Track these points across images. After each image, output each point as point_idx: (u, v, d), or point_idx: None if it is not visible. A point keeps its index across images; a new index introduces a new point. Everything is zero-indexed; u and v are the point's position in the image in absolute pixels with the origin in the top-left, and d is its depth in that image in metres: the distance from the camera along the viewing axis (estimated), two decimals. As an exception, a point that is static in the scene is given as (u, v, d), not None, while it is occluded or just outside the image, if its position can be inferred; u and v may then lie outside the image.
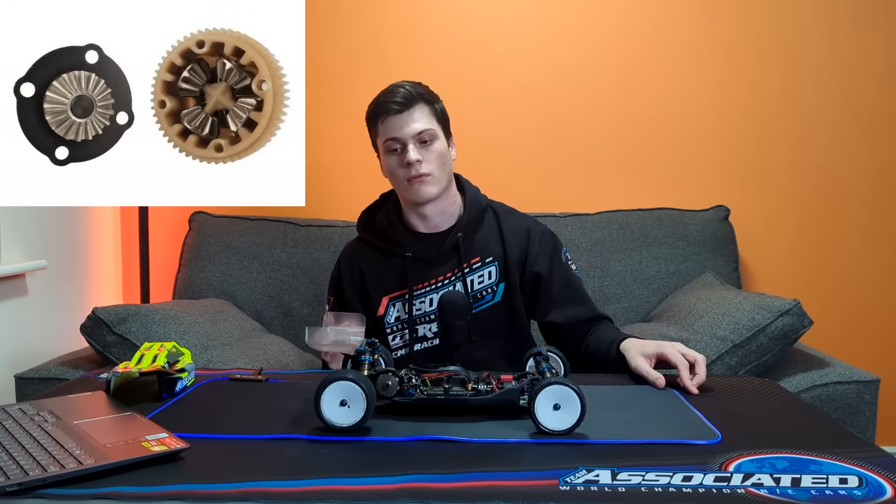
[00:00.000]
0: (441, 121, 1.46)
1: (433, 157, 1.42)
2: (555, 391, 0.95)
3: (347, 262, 1.55)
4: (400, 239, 1.49)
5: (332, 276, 1.58)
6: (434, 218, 1.48)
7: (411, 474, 0.81)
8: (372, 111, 1.46)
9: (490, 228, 1.51)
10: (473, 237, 1.49)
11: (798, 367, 1.67)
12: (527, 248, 1.49)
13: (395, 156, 1.43)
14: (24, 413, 0.98)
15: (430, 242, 1.49)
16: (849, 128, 2.24)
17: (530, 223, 1.53)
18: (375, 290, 1.50)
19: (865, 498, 0.76)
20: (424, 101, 1.43)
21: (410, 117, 1.41)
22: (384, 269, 1.50)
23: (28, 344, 1.86)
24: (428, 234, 1.49)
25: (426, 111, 1.42)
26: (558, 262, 1.51)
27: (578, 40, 2.27)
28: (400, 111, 1.40)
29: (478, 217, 1.51)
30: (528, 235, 1.51)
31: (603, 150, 2.30)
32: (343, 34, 2.30)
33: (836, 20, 2.22)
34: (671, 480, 0.80)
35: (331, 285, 1.58)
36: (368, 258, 1.53)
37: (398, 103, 1.40)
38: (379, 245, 1.52)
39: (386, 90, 1.44)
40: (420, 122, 1.41)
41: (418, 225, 1.50)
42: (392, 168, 1.44)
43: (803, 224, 2.27)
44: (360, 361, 1.05)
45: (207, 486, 0.78)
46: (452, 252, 1.48)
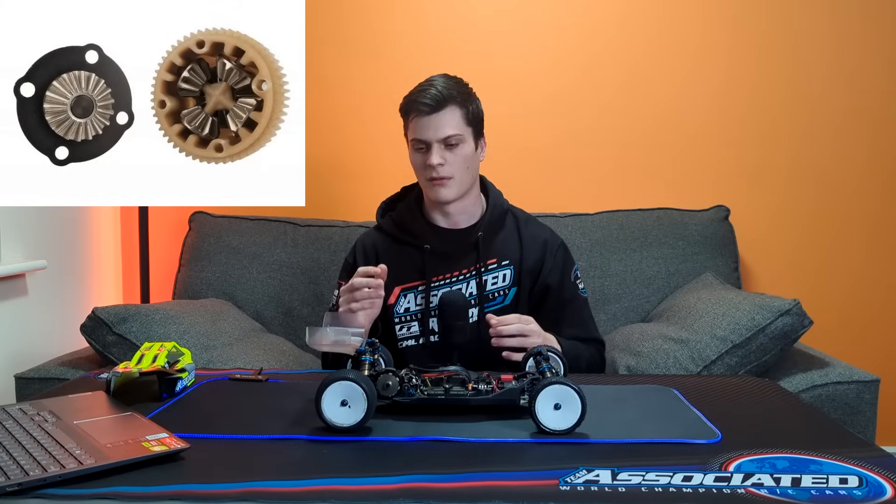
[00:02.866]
0: (472, 123, 1.45)
1: (457, 160, 1.42)
2: (555, 391, 0.95)
3: (363, 248, 1.55)
4: (420, 231, 1.50)
5: (345, 261, 1.58)
6: (455, 215, 1.50)
7: (411, 474, 0.81)
8: (404, 106, 1.46)
9: (510, 232, 1.52)
10: (493, 238, 1.50)
11: (798, 367, 1.67)
12: (542, 260, 1.51)
13: (420, 154, 1.43)
14: (24, 413, 0.98)
15: (449, 237, 1.50)
16: (849, 128, 2.24)
17: (548, 234, 1.55)
18: (389, 279, 1.50)
19: (865, 498, 0.76)
20: (456, 104, 1.41)
21: (439, 120, 1.40)
22: (401, 258, 1.50)
23: (28, 344, 1.86)
24: (448, 229, 1.50)
25: (457, 114, 1.42)
26: (567, 280, 1.52)
27: (580, 42, 2.27)
28: (429, 113, 1.40)
29: (499, 219, 1.52)
30: (546, 247, 1.52)
31: (603, 151, 2.30)
32: (343, 34, 2.30)
33: (840, 20, 2.22)
34: (671, 480, 0.80)
35: (343, 270, 1.57)
36: (385, 247, 1.53)
37: (428, 105, 1.39)
38: (397, 235, 1.53)
39: (420, 85, 1.44)
40: (448, 127, 1.40)
41: (439, 220, 1.51)
42: (416, 166, 1.46)
43: (803, 224, 2.26)
44: (361, 361, 1.05)
45: (207, 486, 0.78)
46: (471, 249, 1.49)
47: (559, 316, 1.50)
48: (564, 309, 1.51)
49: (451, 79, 1.45)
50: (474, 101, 1.46)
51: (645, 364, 1.63)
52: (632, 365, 1.65)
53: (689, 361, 1.61)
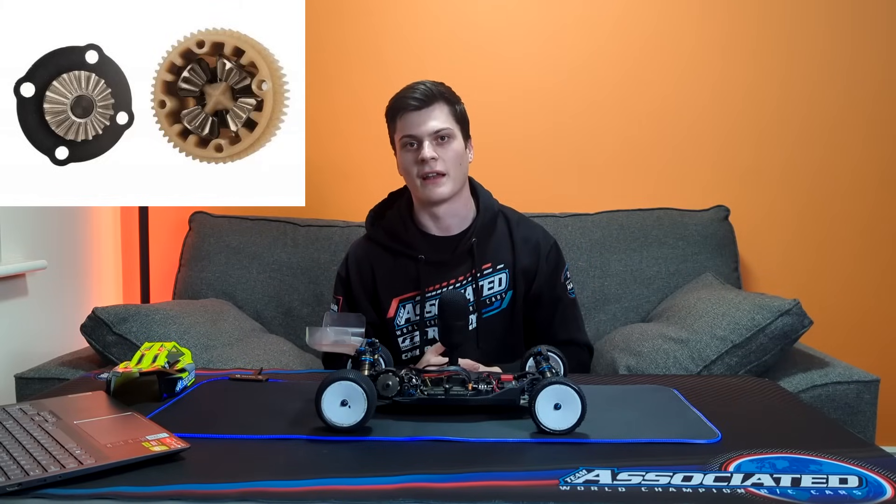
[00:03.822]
0: (460, 122, 1.45)
1: (449, 156, 1.42)
2: (555, 391, 0.95)
3: (356, 262, 1.53)
4: (412, 240, 1.48)
5: (338, 275, 1.57)
6: (446, 219, 1.48)
7: (411, 474, 0.81)
8: (391, 107, 1.46)
9: (502, 235, 1.51)
10: (486, 242, 1.49)
11: (798, 367, 1.67)
12: (537, 263, 1.50)
13: (411, 152, 1.42)
14: (24, 413, 0.98)
15: (442, 245, 1.48)
16: (848, 127, 2.24)
17: (540, 235, 1.54)
18: (385, 292, 1.50)
19: (865, 498, 0.76)
20: (445, 101, 1.42)
21: (429, 115, 1.41)
22: (395, 270, 1.49)
23: (28, 344, 1.85)
24: (440, 236, 1.49)
25: (445, 110, 1.42)
26: (558, 281, 1.52)
27: (578, 41, 2.27)
28: (418, 108, 1.40)
29: (491, 222, 1.51)
30: (538, 249, 1.51)
31: (603, 151, 2.30)
32: (343, 34, 2.30)
33: (836, 20, 2.22)
34: (671, 480, 0.80)
35: (338, 284, 1.56)
36: (379, 259, 1.51)
37: (417, 100, 1.40)
38: (389, 245, 1.51)
39: (406, 87, 1.44)
40: (438, 121, 1.41)
41: (430, 227, 1.49)
42: (406, 165, 1.44)
43: (803, 224, 2.26)
44: (361, 361, 1.05)
45: (207, 486, 0.78)
46: (465, 256, 1.47)
47: (548, 317, 1.51)
48: (552, 310, 1.51)
49: (436, 81, 1.46)
50: (460, 102, 1.47)
51: (645, 364, 1.63)
52: (632, 365, 1.65)
53: (689, 361, 1.61)
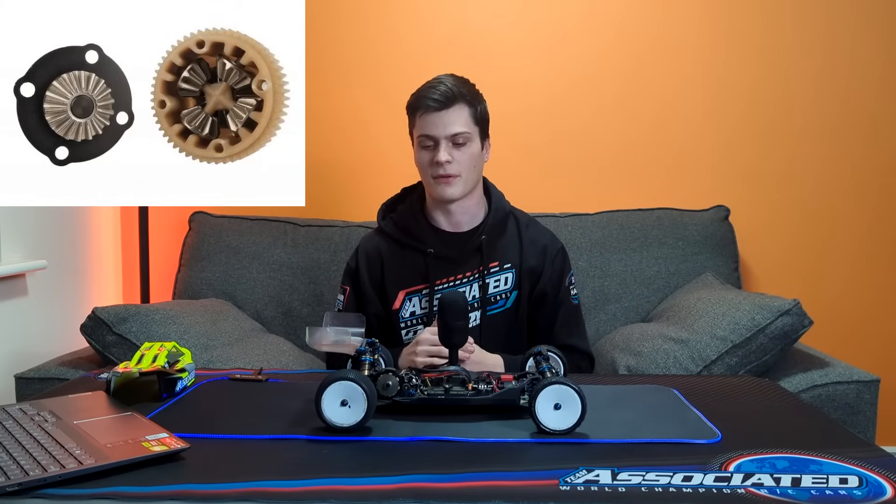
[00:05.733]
0: (479, 122, 1.46)
1: (464, 158, 1.43)
2: (555, 391, 0.95)
3: (366, 253, 1.55)
4: (422, 234, 1.50)
5: (347, 265, 1.58)
6: (457, 216, 1.50)
7: (411, 474, 0.81)
8: (412, 103, 1.46)
9: (511, 236, 1.53)
10: (496, 241, 1.51)
11: (798, 367, 1.67)
12: (542, 266, 1.51)
13: (427, 151, 1.44)
14: (24, 413, 0.98)
15: (452, 241, 1.50)
16: (848, 128, 2.24)
17: (548, 240, 1.55)
18: (393, 284, 1.51)
19: (865, 498, 0.76)
20: (465, 102, 1.43)
21: (448, 117, 1.41)
22: (404, 263, 1.51)
23: (28, 344, 1.85)
24: (451, 232, 1.51)
25: (465, 112, 1.43)
26: (563, 285, 1.53)
27: (580, 43, 2.27)
28: (438, 109, 1.41)
29: (501, 222, 1.53)
30: (546, 252, 1.52)
31: (603, 151, 2.29)
32: (343, 34, 2.30)
33: (837, 21, 2.22)
34: (671, 480, 0.80)
35: (346, 275, 1.58)
36: (388, 251, 1.53)
37: (437, 101, 1.40)
38: (399, 238, 1.52)
39: (429, 83, 1.44)
40: (456, 125, 1.41)
41: (441, 222, 1.51)
42: (422, 163, 1.46)
43: (803, 224, 2.26)
44: (361, 361, 1.05)
45: (207, 486, 0.78)
46: (474, 253, 1.49)
47: (550, 321, 1.52)
48: (554, 312, 1.52)
49: (459, 78, 1.46)
50: (481, 102, 1.47)
51: (645, 364, 1.63)
52: (632, 365, 1.65)
53: (689, 361, 1.61)
